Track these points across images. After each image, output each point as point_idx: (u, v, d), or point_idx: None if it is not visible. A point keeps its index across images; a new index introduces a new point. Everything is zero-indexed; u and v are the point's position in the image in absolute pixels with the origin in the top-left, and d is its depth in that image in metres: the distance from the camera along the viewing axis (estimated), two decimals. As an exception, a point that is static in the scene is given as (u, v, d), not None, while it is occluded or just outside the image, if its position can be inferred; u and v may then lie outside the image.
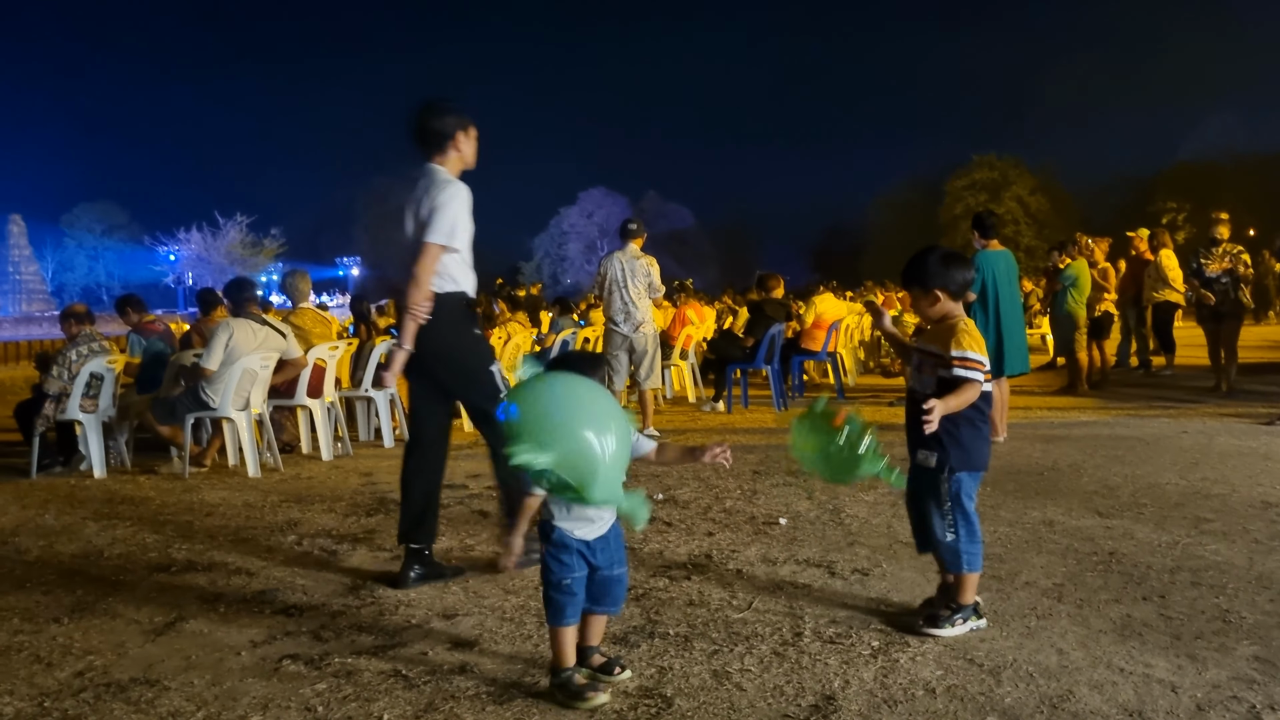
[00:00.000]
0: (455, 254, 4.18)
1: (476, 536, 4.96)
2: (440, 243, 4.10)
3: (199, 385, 6.94)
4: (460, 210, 4.16)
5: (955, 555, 3.44)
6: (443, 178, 4.23)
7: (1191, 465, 6.22)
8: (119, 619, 3.82)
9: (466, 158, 4.38)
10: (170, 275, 65.04)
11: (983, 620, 3.45)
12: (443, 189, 4.16)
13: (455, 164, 4.34)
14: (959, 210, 58.12)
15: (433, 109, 4.33)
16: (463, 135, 4.35)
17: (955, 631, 3.38)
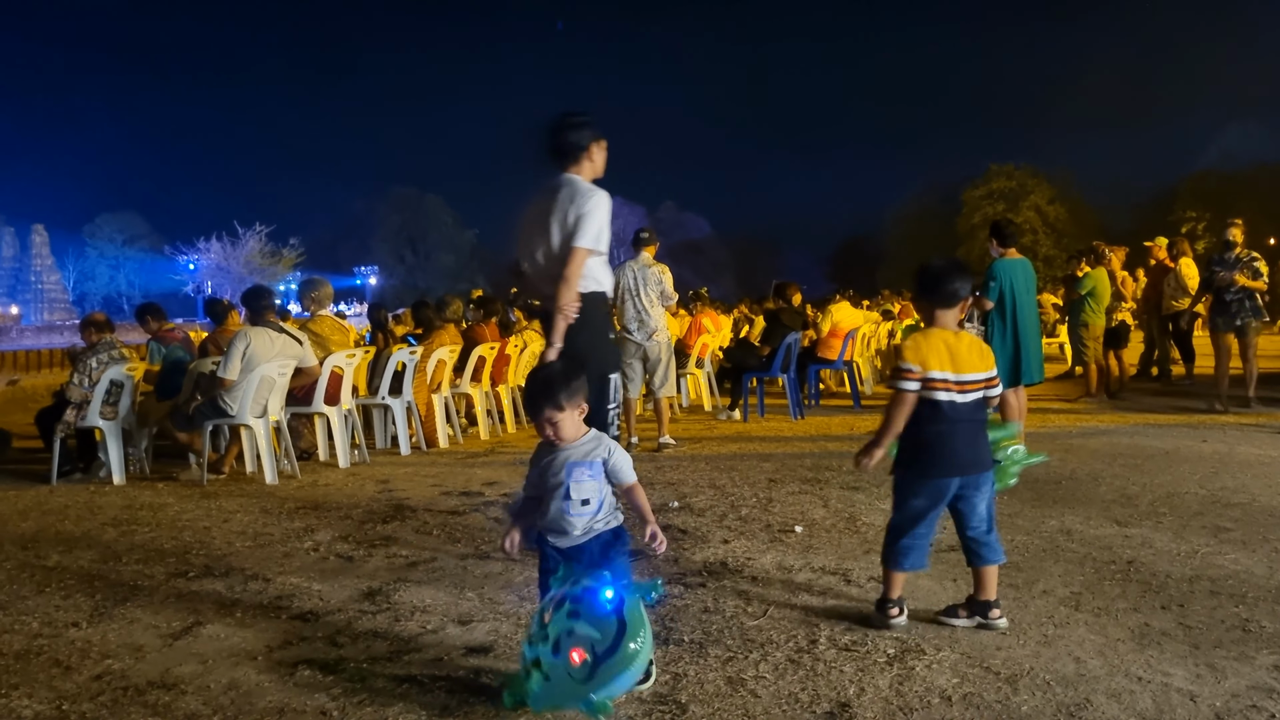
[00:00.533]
0: (599, 256, 4.47)
1: (492, 542, 4.96)
2: (588, 246, 4.37)
3: (218, 393, 6.98)
4: (604, 216, 4.43)
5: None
6: (584, 186, 4.48)
7: (1211, 474, 6.17)
8: (137, 624, 3.84)
9: (597, 167, 4.61)
10: (190, 284, 65.50)
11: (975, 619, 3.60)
12: (588, 197, 4.41)
13: (588, 173, 4.58)
14: (976, 220, 57.95)
15: (568, 122, 4.56)
16: (595, 146, 4.59)
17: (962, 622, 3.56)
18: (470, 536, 5.14)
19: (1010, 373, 7.55)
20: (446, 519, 5.59)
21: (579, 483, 2.99)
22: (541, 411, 2.96)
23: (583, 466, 2.99)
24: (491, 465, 7.63)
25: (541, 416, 2.97)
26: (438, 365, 8.92)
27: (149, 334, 8.39)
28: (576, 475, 2.99)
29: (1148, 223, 41.65)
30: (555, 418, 2.97)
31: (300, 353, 7.40)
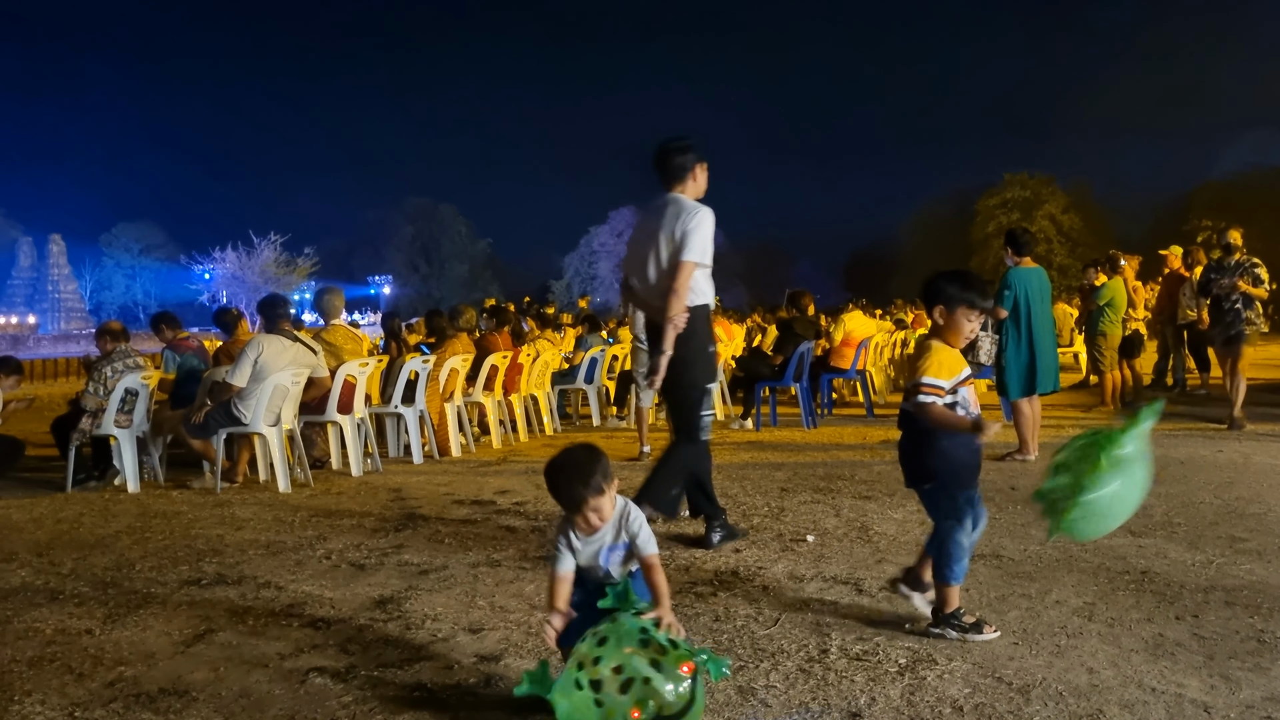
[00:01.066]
0: (704, 269, 4.80)
1: (504, 551, 4.96)
2: (695, 260, 4.73)
3: (231, 401, 7.01)
4: (709, 231, 4.79)
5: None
6: (689, 204, 4.86)
7: (1227, 484, 6.13)
8: (150, 631, 3.85)
9: (700, 187, 5.02)
10: (205, 294, 65.82)
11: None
12: (693, 214, 4.79)
13: (692, 192, 4.98)
14: (991, 229, 57.85)
15: (674, 146, 5.01)
16: (699, 168, 5.01)
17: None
18: (482, 545, 5.14)
19: (1025, 381, 7.53)
20: (458, 527, 5.60)
21: (615, 566, 2.96)
22: (585, 502, 2.83)
23: (616, 551, 2.94)
24: (504, 474, 7.63)
25: (586, 507, 2.84)
26: (450, 374, 8.94)
27: (164, 342, 8.43)
28: (614, 560, 2.95)
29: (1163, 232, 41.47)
30: (598, 503, 2.85)
31: (314, 362, 7.43)
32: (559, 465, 2.92)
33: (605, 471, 2.88)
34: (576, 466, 2.88)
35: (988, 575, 4.29)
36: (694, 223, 4.75)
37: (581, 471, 2.86)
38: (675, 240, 4.76)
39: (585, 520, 2.88)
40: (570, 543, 2.94)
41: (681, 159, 4.98)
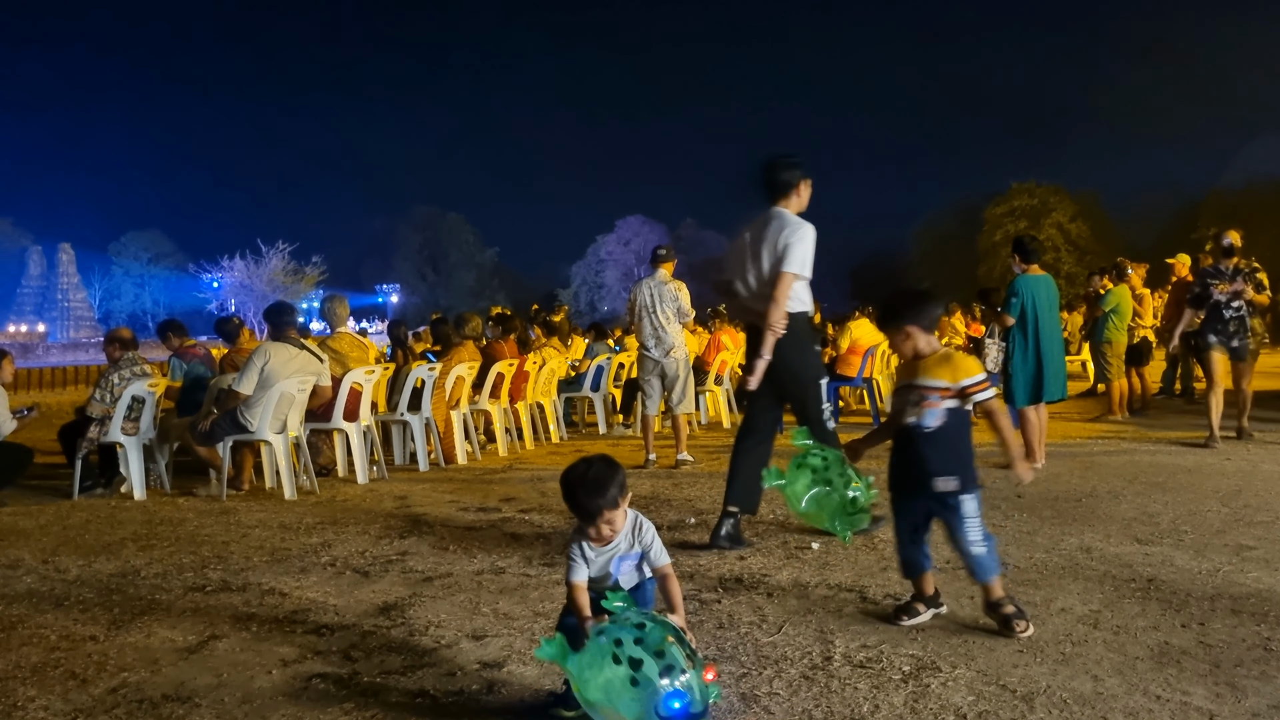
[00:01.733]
0: (804, 280, 5.11)
1: (508, 559, 4.96)
2: (795, 271, 5.05)
3: (237, 408, 7.02)
4: (810, 245, 5.09)
5: (985, 563, 3.61)
6: (791, 219, 5.17)
7: (1234, 492, 6.10)
8: (154, 637, 3.86)
9: (803, 202, 5.29)
10: (214, 302, 66.00)
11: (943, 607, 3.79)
12: (796, 228, 5.11)
13: (795, 207, 5.26)
14: (998, 237, 57.68)
15: (782, 163, 5.32)
16: (803, 184, 5.29)
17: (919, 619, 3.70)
18: (486, 552, 5.14)
19: (1032, 389, 7.51)
20: (463, 534, 5.60)
21: (625, 575, 2.98)
22: (601, 514, 2.86)
23: (628, 560, 2.97)
24: (509, 482, 7.63)
25: (601, 519, 2.87)
26: (456, 382, 8.95)
27: (170, 350, 8.46)
28: (625, 570, 2.97)
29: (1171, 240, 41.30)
30: (613, 515, 2.88)
31: (320, 369, 7.45)
32: (576, 477, 2.92)
33: (621, 484, 2.91)
34: (594, 479, 2.90)
35: (993, 583, 4.27)
36: (795, 237, 5.06)
37: (599, 484, 2.88)
38: (777, 251, 5.08)
39: (599, 531, 2.89)
40: (584, 553, 2.95)
41: (787, 175, 5.27)
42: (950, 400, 3.62)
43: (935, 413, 3.63)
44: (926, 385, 3.66)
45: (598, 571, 2.96)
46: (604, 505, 2.86)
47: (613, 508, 2.87)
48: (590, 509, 2.86)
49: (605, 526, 2.88)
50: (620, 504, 2.89)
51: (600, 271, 74.66)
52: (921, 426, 3.65)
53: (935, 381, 3.64)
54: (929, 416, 3.63)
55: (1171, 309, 12.66)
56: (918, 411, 3.66)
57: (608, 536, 2.91)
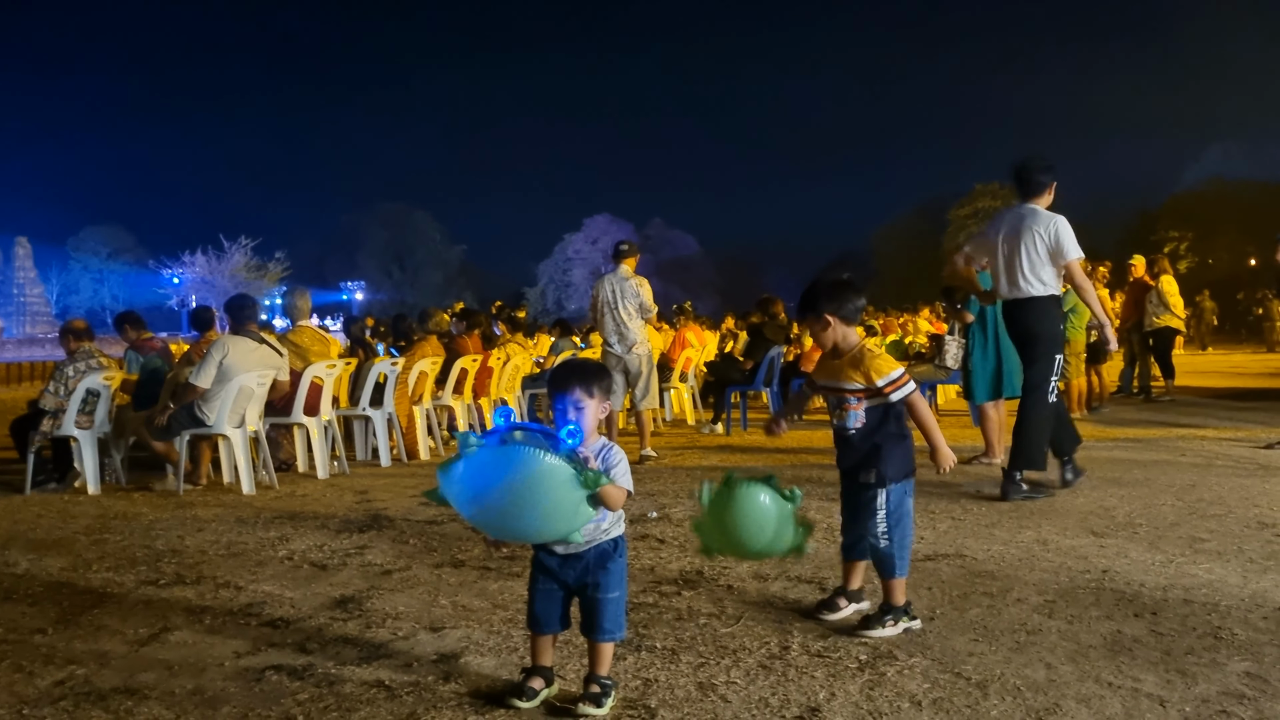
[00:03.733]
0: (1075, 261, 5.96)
1: (468, 552, 4.93)
2: (1078, 256, 5.95)
3: (195, 402, 6.93)
4: (1072, 234, 5.96)
5: (890, 561, 3.58)
6: (1049, 214, 6.05)
7: (1189, 487, 6.19)
8: (103, 630, 3.79)
9: (1050, 199, 6.15)
10: (174, 298, 65.18)
11: (916, 621, 3.56)
12: (1058, 222, 5.98)
13: (1044, 204, 6.14)
14: (962, 238, 58.04)
15: (1037, 165, 6.22)
16: (1053, 185, 6.16)
17: (888, 632, 3.48)
18: (446, 546, 5.10)
19: (991, 386, 7.58)
20: (424, 528, 5.56)
21: None
22: (572, 391, 2.89)
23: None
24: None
25: (569, 397, 2.90)
26: (419, 377, 8.89)
27: (127, 343, 8.33)
28: None
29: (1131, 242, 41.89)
30: (583, 402, 2.90)
31: (280, 363, 7.37)
32: (567, 363, 3.05)
33: (605, 386, 2.98)
34: (580, 366, 3.01)
35: (950, 574, 4.30)
36: (1061, 229, 5.93)
37: (583, 371, 2.97)
38: (1051, 243, 5.93)
39: (564, 416, 2.91)
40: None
41: (1042, 176, 6.13)
42: (869, 400, 3.59)
43: (856, 415, 3.61)
44: (844, 389, 3.63)
45: None
46: (578, 386, 2.90)
47: (586, 394, 2.91)
48: (567, 385, 2.90)
49: (571, 409, 2.90)
50: (595, 397, 2.92)
51: (567, 270, 74.50)
52: (844, 429, 3.65)
53: (851, 384, 3.60)
54: (850, 419, 3.62)
55: (1130, 308, 12.86)
56: (840, 414, 3.65)
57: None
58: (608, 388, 3.02)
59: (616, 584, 2.97)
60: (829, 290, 3.73)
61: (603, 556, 2.96)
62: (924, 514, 5.61)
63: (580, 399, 2.91)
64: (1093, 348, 11.52)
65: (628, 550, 3.11)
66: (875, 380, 3.56)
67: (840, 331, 3.71)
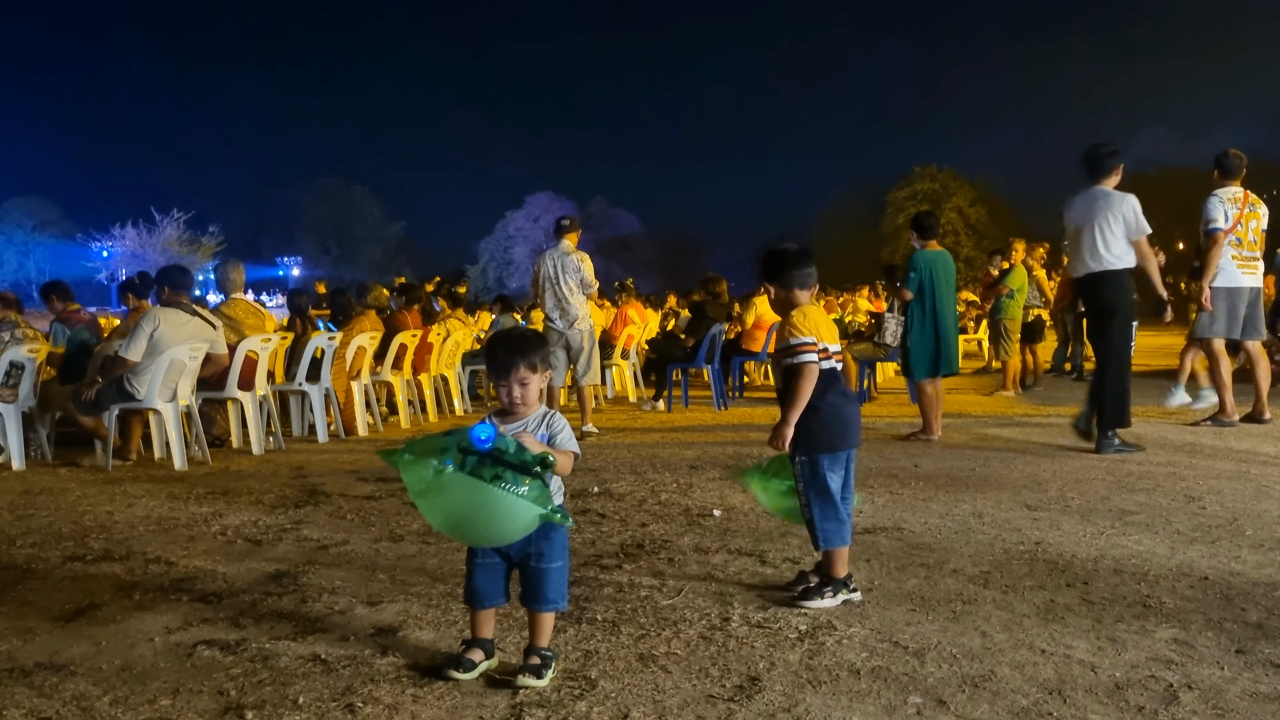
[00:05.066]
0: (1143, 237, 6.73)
1: (407, 527, 4.87)
2: (1148, 232, 6.70)
3: (124, 376, 6.75)
4: (1141, 211, 6.71)
5: (812, 531, 3.62)
6: (1118, 193, 6.77)
7: (1118, 462, 6.33)
8: (28, 606, 3.69)
9: (1118, 180, 6.85)
10: (104, 272, 63.49)
11: (856, 593, 3.59)
12: (1130, 200, 6.73)
13: (1113, 183, 6.84)
14: (900, 220, 58.87)
15: (1107, 150, 6.93)
16: (1120, 165, 6.90)
17: (825, 604, 3.51)
18: (385, 520, 5.04)
19: (930, 363, 7.67)
20: (361, 503, 5.49)
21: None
22: (516, 368, 2.87)
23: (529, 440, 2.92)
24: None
25: (513, 375, 2.87)
26: (358, 352, 8.77)
27: (54, 315, 8.10)
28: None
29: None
30: (528, 378, 2.89)
31: (213, 336, 7.21)
32: (502, 335, 3.03)
33: (544, 357, 2.96)
34: (519, 339, 2.98)
35: (889, 546, 4.35)
36: (1135, 206, 6.69)
37: (523, 344, 2.94)
38: (1124, 221, 6.64)
39: (509, 393, 2.89)
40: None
41: (1110, 160, 6.85)
42: (786, 359, 3.64)
43: (780, 375, 3.69)
44: (777, 349, 3.73)
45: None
46: (521, 362, 2.88)
47: (530, 370, 2.90)
48: (508, 364, 2.87)
49: (517, 386, 2.88)
50: (537, 370, 2.92)
51: (509, 248, 73.94)
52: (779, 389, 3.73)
53: (780, 344, 3.71)
54: (780, 380, 3.70)
55: (1064, 289, 13.09)
56: (777, 374, 3.74)
57: (516, 400, 2.90)
58: (547, 356, 3.01)
59: (559, 553, 2.96)
60: (772, 260, 3.80)
61: (545, 527, 2.93)
62: (862, 488, 5.66)
63: (525, 376, 2.91)
64: (1028, 327, 11.74)
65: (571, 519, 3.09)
66: (786, 338, 3.64)
67: (780, 298, 3.77)
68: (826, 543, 3.59)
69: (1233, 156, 7.81)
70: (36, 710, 2.74)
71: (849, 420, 3.69)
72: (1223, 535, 4.43)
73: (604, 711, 2.68)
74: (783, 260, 3.77)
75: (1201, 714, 2.59)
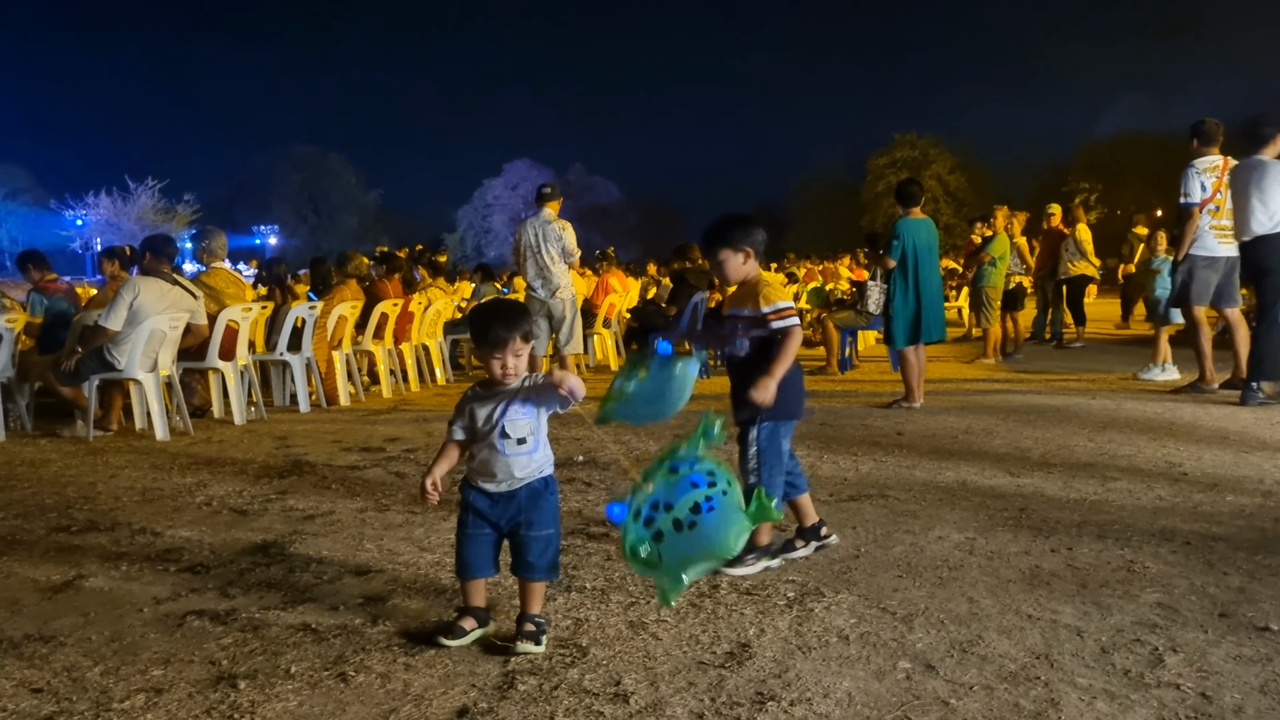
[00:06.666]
0: None
1: (392, 496, 4.87)
2: None
3: (104, 345, 6.69)
4: None
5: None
6: (1275, 162, 7.06)
7: (1100, 429, 6.38)
8: (13, 578, 3.67)
9: (1277, 149, 7.11)
10: (78, 240, 62.70)
11: (776, 560, 3.66)
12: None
13: (1272, 153, 7.12)
14: (880, 188, 58.90)
15: (1263, 119, 7.25)
16: (1278, 135, 7.14)
17: (749, 570, 3.56)
18: (370, 491, 5.03)
19: (910, 330, 7.68)
20: (346, 474, 5.47)
21: (514, 420, 2.91)
22: (513, 341, 2.89)
23: (516, 404, 2.92)
24: (394, 422, 7.50)
25: (509, 347, 2.89)
26: (339, 322, 8.71)
27: (31, 284, 8.00)
28: (511, 413, 2.91)
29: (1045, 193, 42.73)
30: (521, 349, 2.94)
31: (194, 306, 7.14)
32: (490, 307, 3.06)
33: (528, 329, 3.01)
34: (511, 310, 3.05)
35: (874, 513, 4.38)
36: None
37: (516, 315, 3.00)
38: None
39: (503, 364, 2.92)
40: (464, 411, 2.97)
41: (1267, 130, 7.16)
42: (756, 329, 3.66)
43: (742, 342, 3.69)
44: (736, 315, 3.73)
45: (482, 421, 2.93)
46: (517, 335, 2.91)
47: (524, 341, 2.96)
48: (504, 337, 2.89)
49: (511, 358, 2.91)
50: (527, 343, 2.99)
51: (487, 216, 73.50)
52: (734, 355, 3.73)
53: (743, 310, 3.71)
54: (738, 345, 3.70)
55: (1045, 257, 13.15)
56: (730, 341, 3.72)
57: (510, 372, 2.92)
58: (530, 328, 3.05)
59: (549, 521, 2.97)
60: (725, 225, 3.79)
61: (534, 495, 2.95)
62: (847, 455, 5.71)
63: (520, 348, 2.94)
64: (1009, 295, 11.78)
65: (559, 494, 3.10)
66: (762, 306, 3.64)
67: (734, 264, 3.75)
68: (784, 497, 3.71)
69: (1209, 124, 7.83)
70: (27, 681, 2.74)
71: (802, 390, 3.82)
72: (1204, 500, 4.48)
73: (596, 679, 2.69)
74: (748, 223, 3.79)
75: (1186, 676, 2.63)
